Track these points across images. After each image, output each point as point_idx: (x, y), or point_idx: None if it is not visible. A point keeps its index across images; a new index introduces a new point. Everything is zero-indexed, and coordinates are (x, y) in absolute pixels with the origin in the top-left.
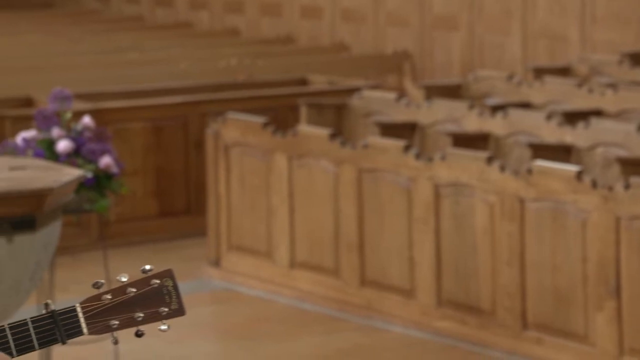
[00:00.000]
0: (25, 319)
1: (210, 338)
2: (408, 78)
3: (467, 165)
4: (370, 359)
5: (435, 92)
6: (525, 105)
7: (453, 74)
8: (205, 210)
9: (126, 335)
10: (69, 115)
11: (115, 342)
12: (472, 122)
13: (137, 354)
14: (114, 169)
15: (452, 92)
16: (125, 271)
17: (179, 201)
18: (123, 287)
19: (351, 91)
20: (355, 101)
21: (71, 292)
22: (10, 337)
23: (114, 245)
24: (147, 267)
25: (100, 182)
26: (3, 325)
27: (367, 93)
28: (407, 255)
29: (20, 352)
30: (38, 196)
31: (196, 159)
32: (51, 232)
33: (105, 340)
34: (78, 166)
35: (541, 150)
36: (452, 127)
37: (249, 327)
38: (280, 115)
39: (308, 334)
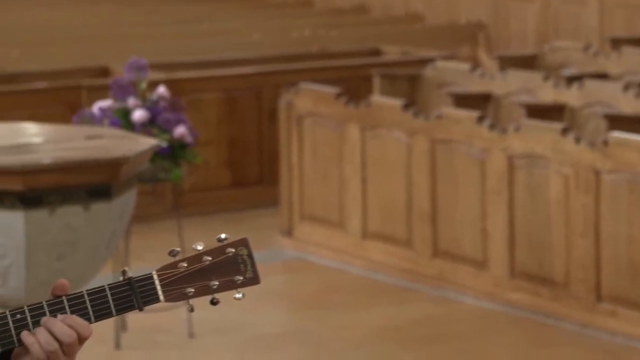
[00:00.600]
0: (103, 286)
1: (282, 307)
2: (482, 49)
3: (541, 137)
4: (442, 330)
5: (509, 62)
6: (602, 76)
7: (528, 45)
8: (278, 181)
9: (199, 303)
10: (144, 85)
11: (191, 310)
12: (547, 93)
13: (210, 322)
14: (189, 139)
15: (527, 62)
16: (198, 240)
17: (251, 171)
18: (199, 255)
19: (425, 62)
20: (428, 72)
21: (146, 260)
22: (88, 303)
23: (188, 214)
24: (223, 235)
25: (174, 151)
26: (81, 292)
27: (441, 64)
28: (480, 227)
29: (98, 318)
30: (114, 165)
31: (269, 130)
32: (126, 201)
33: (179, 308)
34: (153, 135)
35: (618, 121)
36: (526, 98)
37: (321, 296)
38: (353, 85)
39: (379, 305)
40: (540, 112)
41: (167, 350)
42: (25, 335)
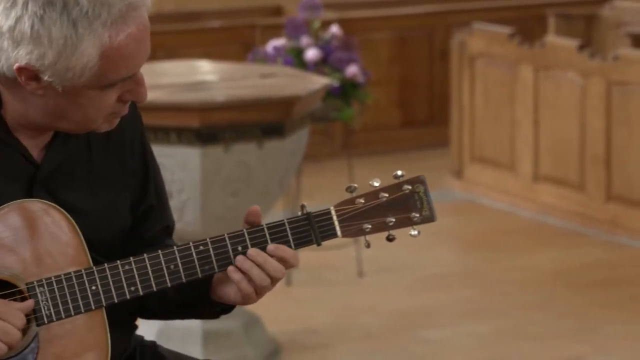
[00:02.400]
0: (282, 220)
1: (450, 248)
2: None
3: None
4: (614, 276)
5: None
6: None
7: None
8: (448, 121)
9: (366, 241)
10: (317, 24)
11: (367, 246)
12: None
13: (378, 260)
14: (360, 78)
15: None
16: (367, 180)
17: (421, 112)
18: (375, 192)
19: (602, 1)
20: (606, 11)
21: (316, 199)
22: (268, 237)
23: (357, 154)
24: (399, 172)
25: (346, 91)
26: (261, 226)
27: (619, 3)
28: None
29: None
30: (287, 103)
31: (440, 70)
32: (299, 139)
33: (349, 246)
34: (325, 75)
35: None
36: None
37: (490, 239)
38: (527, 26)
39: (549, 248)
40: None
41: (336, 288)
42: (231, 272)
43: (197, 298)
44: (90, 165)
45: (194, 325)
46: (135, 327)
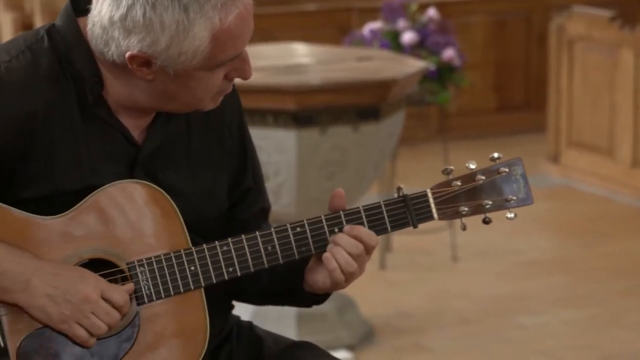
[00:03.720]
0: (379, 202)
1: (546, 234)
2: None
3: None
4: None
5: None
6: None
7: None
8: (545, 106)
9: (460, 226)
10: (414, 7)
11: (464, 228)
12: None
13: (472, 245)
14: (457, 62)
15: None
16: (462, 164)
17: (518, 96)
18: (472, 174)
19: None
20: None
21: (410, 182)
22: (364, 219)
23: (452, 138)
24: (496, 154)
25: (442, 74)
26: (357, 207)
27: None
28: None
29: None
30: (383, 86)
31: (538, 54)
32: (394, 123)
33: (443, 230)
34: (422, 58)
35: None
36: None
37: (586, 224)
38: (628, 9)
39: None
40: None
41: (430, 273)
42: (327, 260)
43: (292, 287)
44: (190, 146)
45: (288, 307)
46: (232, 307)
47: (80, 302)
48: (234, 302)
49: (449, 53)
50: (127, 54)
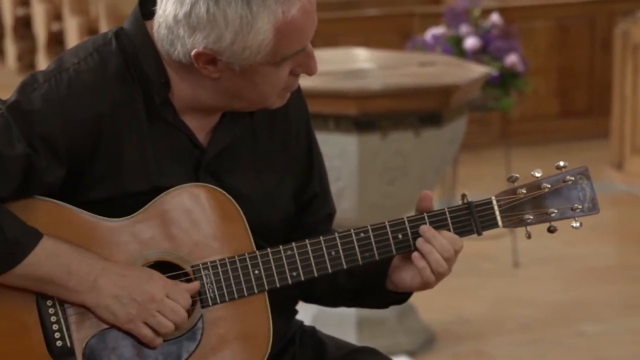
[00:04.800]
0: (443, 209)
1: (609, 241)
2: None
3: None
4: None
5: None
6: None
7: None
8: (609, 112)
9: (520, 233)
10: (477, 12)
11: (528, 237)
12: None
13: (534, 252)
14: (520, 67)
15: None
16: (525, 171)
17: (581, 102)
18: (537, 182)
19: None
20: None
21: (472, 188)
22: (437, 222)
23: (515, 143)
24: (561, 163)
25: (505, 80)
26: (422, 214)
27: None
28: None
29: None
30: (445, 92)
31: (602, 59)
32: (456, 128)
33: (504, 237)
34: (484, 63)
35: None
36: None
37: None
38: None
39: None
40: None
41: (492, 278)
42: (416, 259)
43: (372, 285)
44: (255, 149)
45: (349, 311)
46: (296, 311)
47: (147, 302)
48: (297, 307)
49: (511, 58)
50: (193, 52)
